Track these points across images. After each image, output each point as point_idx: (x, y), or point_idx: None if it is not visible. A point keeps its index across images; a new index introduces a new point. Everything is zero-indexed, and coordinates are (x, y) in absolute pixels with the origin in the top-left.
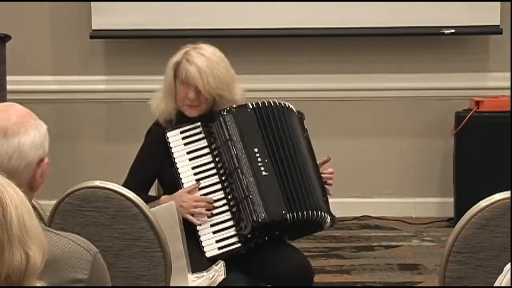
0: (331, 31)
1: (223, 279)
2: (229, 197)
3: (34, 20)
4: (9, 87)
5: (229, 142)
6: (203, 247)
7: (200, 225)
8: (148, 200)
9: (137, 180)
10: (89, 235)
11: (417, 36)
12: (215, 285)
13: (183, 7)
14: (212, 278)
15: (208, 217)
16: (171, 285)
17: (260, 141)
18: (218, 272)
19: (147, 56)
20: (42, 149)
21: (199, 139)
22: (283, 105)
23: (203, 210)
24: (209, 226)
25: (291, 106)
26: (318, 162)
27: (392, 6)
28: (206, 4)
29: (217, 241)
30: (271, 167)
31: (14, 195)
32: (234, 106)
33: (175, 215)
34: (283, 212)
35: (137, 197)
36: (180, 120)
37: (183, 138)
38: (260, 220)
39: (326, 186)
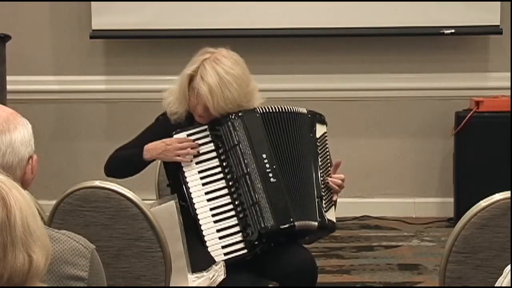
0: (331, 31)
1: (223, 279)
2: (236, 202)
3: (34, 20)
4: (9, 87)
5: (237, 147)
6: (208, 252)
7: (189, 161)
8: (131, 152)
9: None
10: (88, 235)
11: (417, 36)
12: (215, 285)
13: (183, 7)
14: (212, 278)
15: (195, 156)
16: (171, 285)
17: (268, 147)
18: (218, 272)
19: (147, 56)
20: (30, 146)
21: (206, 143)
22: (291, 110)
23: (189, 149)
24: (216, 231)
25: (302, 110)
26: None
27: (392, 6)
28: (206, 4)
29: (223, 247)
30: (279, 174)
31: (19, 197)
32: (243, 110)
33: (175, 215)
34: (291, 219)
35: (137, 197)
36: (189, 121)
37: None
38: (268, 227)
39: (331, 189)
